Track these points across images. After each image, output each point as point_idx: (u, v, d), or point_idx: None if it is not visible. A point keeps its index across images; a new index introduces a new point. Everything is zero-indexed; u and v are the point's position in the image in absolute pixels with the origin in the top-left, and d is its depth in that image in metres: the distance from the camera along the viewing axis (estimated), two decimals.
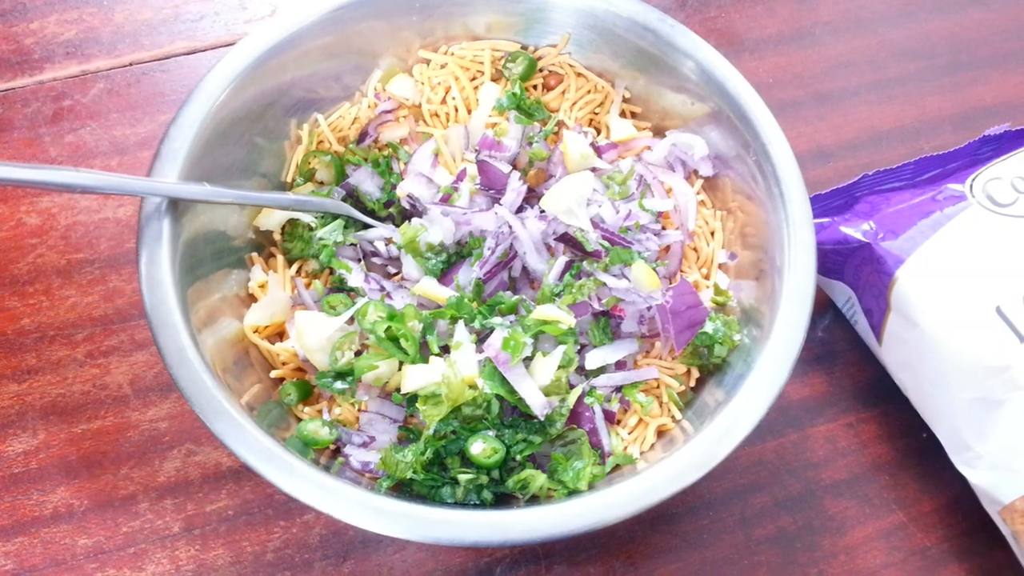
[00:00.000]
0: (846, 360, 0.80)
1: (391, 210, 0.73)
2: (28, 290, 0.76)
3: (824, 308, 0.82)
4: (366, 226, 0.72)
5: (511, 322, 0.65)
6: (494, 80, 0.77)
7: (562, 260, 0.67)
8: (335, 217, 0.71)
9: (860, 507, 0.74)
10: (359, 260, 0.71)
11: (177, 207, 0.62)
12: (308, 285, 0.70)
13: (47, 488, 0.70)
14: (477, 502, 0.62)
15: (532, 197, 0.73)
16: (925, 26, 0.99)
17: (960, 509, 0.74)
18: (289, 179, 0.74)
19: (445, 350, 0.64)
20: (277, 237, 0.72)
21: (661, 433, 0.67)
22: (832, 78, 0.95)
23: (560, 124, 0.77)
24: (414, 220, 0.69)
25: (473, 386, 0.62)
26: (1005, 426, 0.67)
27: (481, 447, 0.62)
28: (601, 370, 0.67)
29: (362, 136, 0.75)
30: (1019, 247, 0.72)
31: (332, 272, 0.70)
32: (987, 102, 0.95)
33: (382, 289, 0.68)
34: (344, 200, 0.72)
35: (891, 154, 0.89)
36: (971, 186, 0.76)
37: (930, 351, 0.71)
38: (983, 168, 0.77)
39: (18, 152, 0.82)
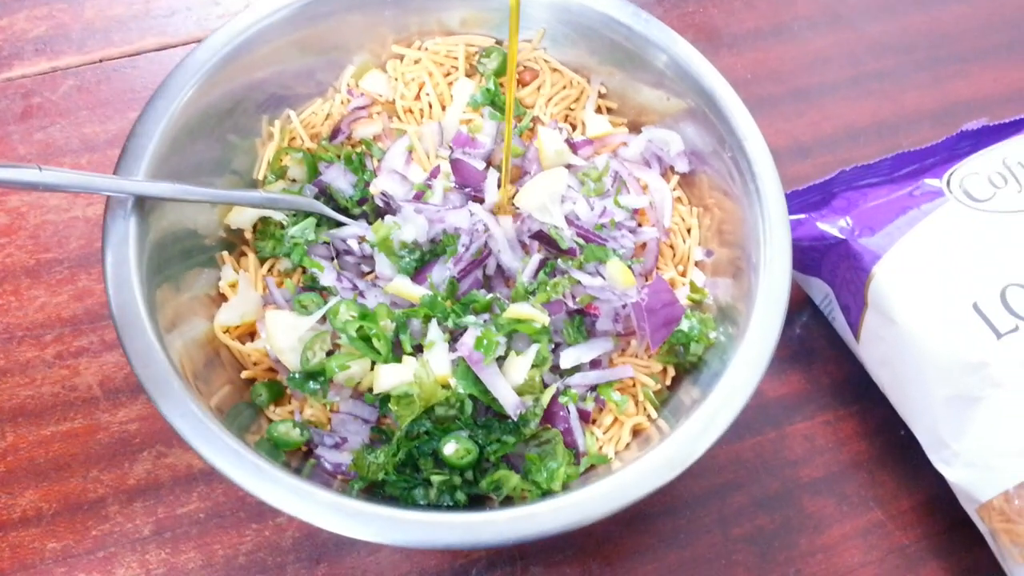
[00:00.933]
0: (824, 357, 0.80)
1: (364, 208, 0.72)
2: None
3: (802, 305, 0.82)
4: (339, 224, 0.71)
5: (485, 321, 0.64)
6: (468, 76, 0.77)
7: (536, 258, 0.66)
8: (307, 215, 0.70)
9: (838, 505, 0.74)
10: (331, 259, 0.70)
11: (144, 205, 0.61)
12: (280, 284, 0.69)
13: (15, 491, 0.69)
14: (450, 503, 0.62)
15: None
16: (904, 20, 0.99)
17: (938, 507, 0.74)
18: (260, 176, 0.73)
19: (418, 349, 0.64)
20: (248, 235, 0.71)
21: (637, 432, 0.67)
22: (810, 73, 0.94)
23: (535, 120, 0.76)
24: (387, 218, 0.69)
25: (446, 386, 0.61)
26: (982, 423, 0.67)
27: (454, 448, 0.61)
28: (576, 369, 0.66)
29: (335, 133, 0.74)
30: (996, 243, 0.71)
31: (304, 271, 0.69)
32: (966, 97, 0.95)
33: (354, 288, 0.68)
34: (316, 198, 0.71)
35: (869, 150, 0.89)
36: (948, 181, 0.75)
37: (907, 348, 0.70)
38: (960, 163, 0.76)
39: None
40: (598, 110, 0.78)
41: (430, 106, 0.76)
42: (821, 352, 0.80)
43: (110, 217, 0.60)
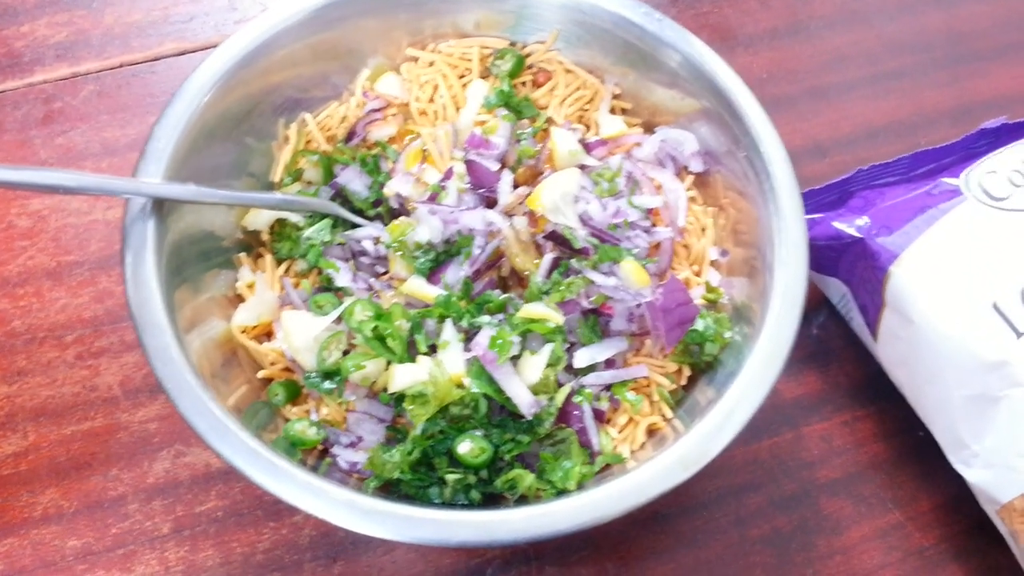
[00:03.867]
0: (841, 358, 0.79)
1: (379, 209, 0.72)
2: (18, 292, 0.76)
3: (818, 305, 0.81)
4: (354, 225, 0.72)
5: (499, 321, 0.64)
6: (482, 77, 0.77)
7: (549, 257, 0.67)
8: (323, 216, 0.71)
9: (856, 506, 0.73)
10: (347, 259, 0.71)
11: (163, 208, 0.62)
12: (296, 285, 0.70)
13: (36, 489, 0.70)
14: (465, 502, 0.62)
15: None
16: (922, 19, 0.99)
17: (958, 508, 0.73)
18: (277, 179, 0.73)
19: (433, 349, 0.64)
20: (265, 237, 0.72)
21: (652, 432, 0.66)
22: (827, 72, 0.94)
23: (549, 121, 0.76)
24: (402, 218, 0.69)
25: (460, 385, 0.62)
26: (1002, 423, 0.66)
27: (469, 447, 0.61)
28: (590, 368, 0.66)
29: (350, 135, 0.75)
30: (1015, 241, 0.71)
31: (320, 272, 0.70)
32: (985, 95, 0.94)
33: (370, 288, 0.68)
34: (332, 199, 0.72)
35: (888, 149, 0.88)
36: (966, 180, 0.75)
37: (925, 347, 0.70)
38: (978, 162, 0.76)
39: (9, 154, 0.82)
40: (612, 111, 0.78)
41: (444, 108, 0.76)
42: (838, 352, 0.79)
43: (129, 219, 0.61)
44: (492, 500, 0.63)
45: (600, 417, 0.65)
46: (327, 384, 0.64)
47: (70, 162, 0.82)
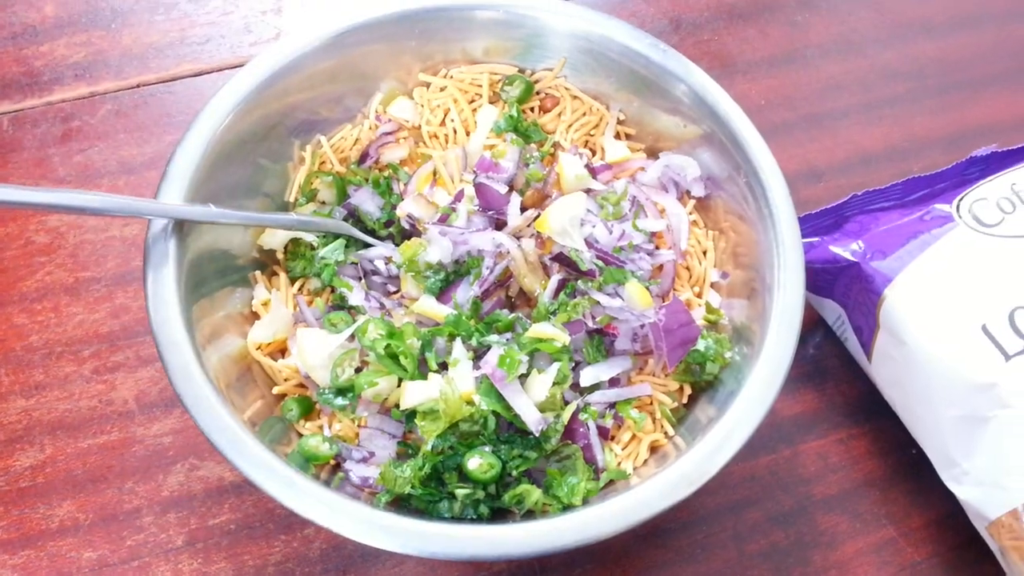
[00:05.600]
0: (837, 377, 0.81)
1: (391, 230, 0.74)
2: (36, 307, 0.78)
3: (815, 326, 0.84)
4: (367, 245, 0.74)
5: (507, 340, 0.66)
6: (492, 103, 0.79)
7: (556, 279, 0.69)
8: (336, 236, 0.73)
9: (851, 522, 0.75)
10: (360, 278, 0.73)
11: (183, 227, 0.64)
12: (310, 303, 0.72)
13: (53, 502, 0.71)
14: (474, 517, 0.64)
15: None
16: (914, 48, 1.01)
17: (950, 524, 0.75)
18: (292, 199, 0.75)
19: (443, 367, 0.66)
20: (280, 256, 0.74)
21: (654, 449, 0.68)
22: (823, 100, 0.97)
23: (556, 145, 0.79)
24: (413, 239, 0.71)
25: (470, 402, 0.63)
26: (991, 443, 0.68)
27: (478, 462, 0.63)
28: (595, 387, 0.68)
29: (363, 157, 0.77)
30: (1004, 266, 0.73)
31: (333, 290, 0.72)
32: (975, 123, 0.97)
33: (382, 307, 0.70)
34: (345, 220, 0.74)
35: (881, 175, 0.91)
36: (958, 207, 0.77)
37: (917, 368, 0.72)
38: (970, 189, 0.78)
39: (28, 172, 0.84)
40: (617, 136, 0.80)
41: (455, 132, 0.79)
42: (834, 372, 0.82)
43: (151, 239, 0.63)
44: (500, 515, 0.65)
45: (604, 434, 0.67)
46: (340, 400, 0.66)
47: (88, 180, 0.84)
